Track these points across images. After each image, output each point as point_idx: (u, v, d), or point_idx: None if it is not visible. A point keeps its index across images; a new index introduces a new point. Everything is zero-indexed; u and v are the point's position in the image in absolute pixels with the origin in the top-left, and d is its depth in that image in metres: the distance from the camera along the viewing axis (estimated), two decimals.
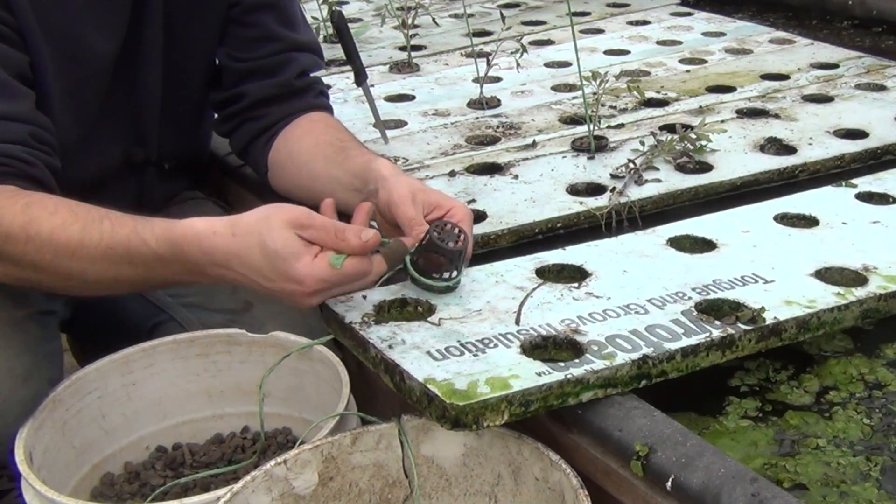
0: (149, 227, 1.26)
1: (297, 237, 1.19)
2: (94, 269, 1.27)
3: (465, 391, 1.06)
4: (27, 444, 1.28)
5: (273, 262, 1.19)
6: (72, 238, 1.27)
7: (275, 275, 1.20)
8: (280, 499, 1.14)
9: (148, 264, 1.26)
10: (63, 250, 1.27)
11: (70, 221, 1.28)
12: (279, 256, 1.18)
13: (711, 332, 1.17)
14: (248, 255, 1.20)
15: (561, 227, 1.55)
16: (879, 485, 1.07)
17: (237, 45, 1.62)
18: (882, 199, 1.54)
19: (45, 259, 1.27)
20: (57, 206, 1.29)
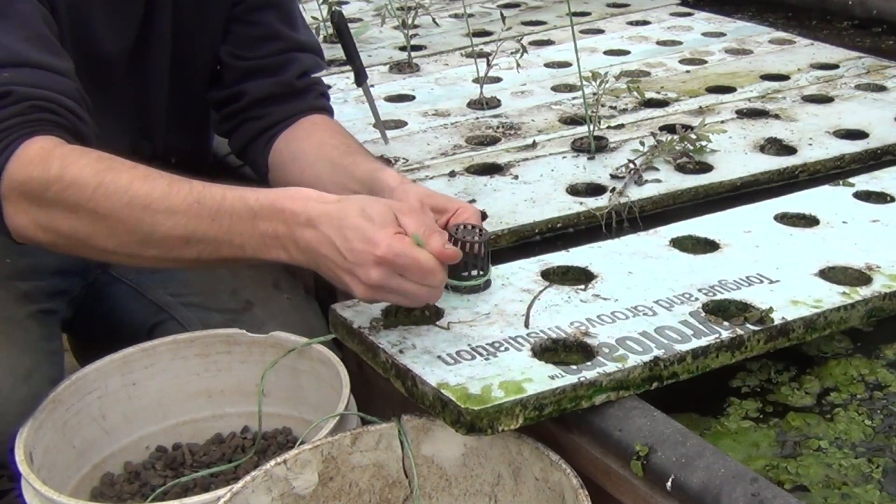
0: (248, 189, 1.24)
1: (394, 215, 1.18)
2: (168, 223, 1.22)
3: (479, 396, 1.06)
4: (27, 443, 1.28)
5: (361, 223, 1.17)
6: (155, 188, 1.23)
7: (355, 234, 1.17)
8: (280, 499, 1.14)
9: (234, 221, 1.22)
10: (141, 199, 1.22)
11: (155, 175, 1.25)
12: (370, 219, 1.17)
13: (721, 333, 1.17)
14: (343, 216, 1.18)
15: (561, 227, 1.55)
16: (881, 486, 1.07)
17: (240, 43, 1.61)
18: (880, 198, 1.54)
19: (115, 207, 1.22)
20: (137, 164, 1.26)
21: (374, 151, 1.80)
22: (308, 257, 1.20)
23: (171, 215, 1.22)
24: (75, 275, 1.62)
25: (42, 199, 1.23)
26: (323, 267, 1.20)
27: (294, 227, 1.20)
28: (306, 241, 1.20)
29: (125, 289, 1.65)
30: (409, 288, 1.17)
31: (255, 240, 1.22)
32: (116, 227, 1.23)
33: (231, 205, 1.22)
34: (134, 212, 1.22)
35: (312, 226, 1.19)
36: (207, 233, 1.22)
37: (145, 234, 1.23)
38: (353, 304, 1.26)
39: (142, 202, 1.22)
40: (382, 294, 1.18)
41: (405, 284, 1.17)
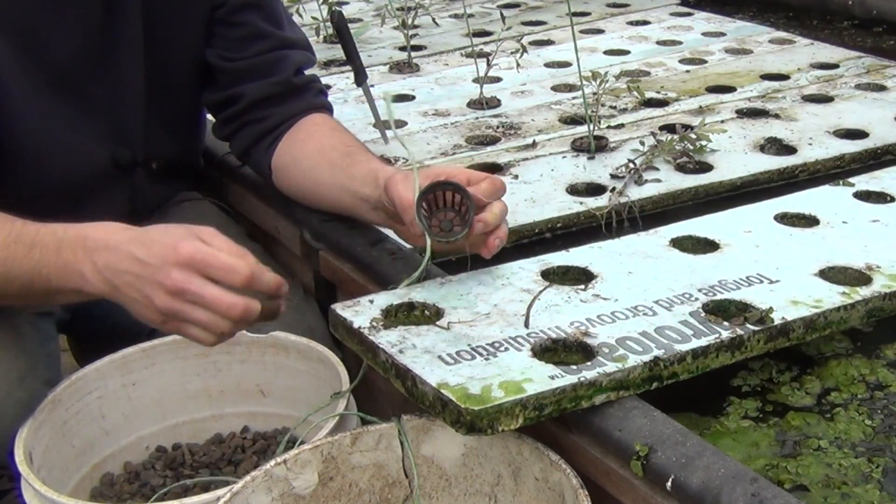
0: (65, 225, 1.25)
1: (194, 233, 1.19)
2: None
3: (479, 396, 1.06)
4: (27, 444, 1.28)
5: (162, 235, 1.19)
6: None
7: (155, 242, 1.18)
8: (280, 499, 1.14)
9: (42, 253, 1.23)
10: None
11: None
12: (170, 231, 1.19)
13: (721, 333, 1.17)
14: (144, 233, 1.21)
15: (561, 227, 1.55)
16: (881, 486, 1.07)
17: (226, 45, 1.61)
18: (880, 198, 1.54)
19: None
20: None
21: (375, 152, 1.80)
22: (104, 278, 1.20)
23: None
24: None
25: None
26: (122, 286, 1.19)
27: (93, 251, 1.21)
28: (104, 261, 1.20)
29: None
30: (209, 295, 1.14)
31: (59, 269, 1.23)
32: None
33: (42, 238, 1.24)
34: None
35: (110, 247, 1.20)
36: (22, 267, 1.24)
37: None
38: (353, 304, 1.26)
39: None
40: (181, 307, 1.15)
41: (206, 290, 1.14)
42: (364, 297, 1.27)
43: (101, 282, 1.21)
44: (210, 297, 1.15)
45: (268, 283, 1.20)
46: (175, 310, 1.16)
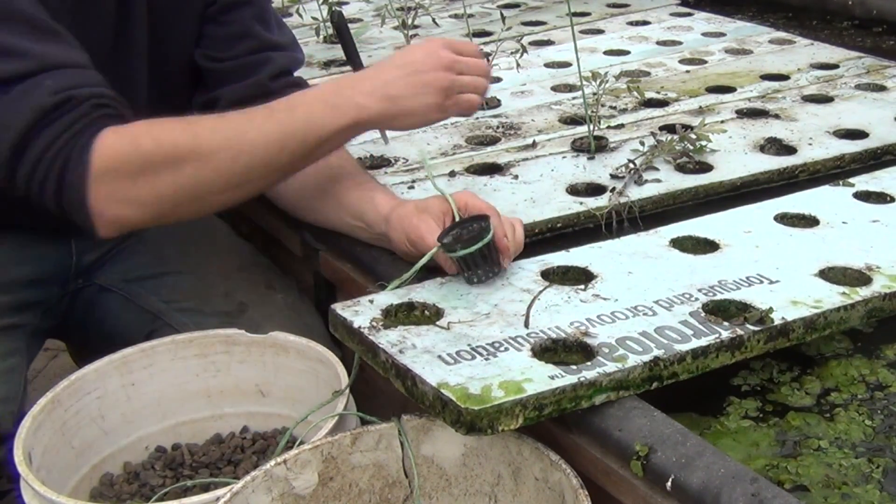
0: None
1: None
2: (261, 137, 1.33)
3: (479, 395, 1.06)
4: (26, 444, 1.28)
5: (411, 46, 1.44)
6: (236, 118, 1.36)
7: (410, 49, 1.42)
8: (280, 499, 1.14)
9: (308, 108, 1.36)
10: (232, 131, 1.34)
11: (224, 114, 1.39)
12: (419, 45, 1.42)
13: (720, 334, 1.17)
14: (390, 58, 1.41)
15: (561, 227, 1.55)
16: (881, 486, 1.07)
17: (213, 44, 1.60)
18: (880, 198, 1.54)
19: (214, 146, 1.31)
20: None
21: (375, 152, 1.81)
22: (379, 95, 1.35)
23: (259, 130, 1.33)
24: (52, 284, 1.60)
25: (141, 172, 1.29)
26: (400, 90, 1.36)
27: (355, 84, 1.38)
28: (370, 85, 1.36)
29: (116, 298, 1.64)
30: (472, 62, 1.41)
31: (330, 112, 1.35)
32: (221, 164, 1.32)
33: (300, 99, 1.38)
34: (232, 142, 1.32)
35: (368, 76, 1.39)
36: (293, 129, 1.34)
37: (248, 155, 1.33)
38: (353, 304, 1.26)
39: (234, 132, 1.33)
40: (455, 78, 1.38)
41: (466, 60, 1.40)
42: (364, 297, 1.27)
43: (376, 101, 1.35)
44: (472, 63, 1.41)
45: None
46: (452, 80, 1.38)
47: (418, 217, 1.32)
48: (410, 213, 1.34)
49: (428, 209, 1.32)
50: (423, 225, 1.30)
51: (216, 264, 1.66)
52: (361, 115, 1.35)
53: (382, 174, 1.73)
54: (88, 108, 1.30)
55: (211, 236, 1.73)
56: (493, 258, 1.28)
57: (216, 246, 1.71)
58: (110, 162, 1.28)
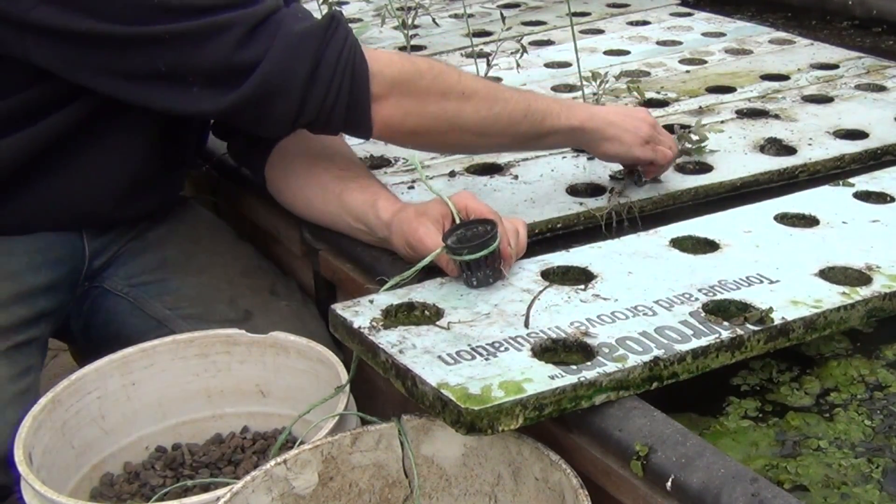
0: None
1: None
2: (513, 97, 1.48)
3: (479, 396, 1.06)
4: (26, 444, 1.28)
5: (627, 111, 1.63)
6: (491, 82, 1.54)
7: (626, 113, 1.60)
8: (280, 499, 1.14)
9: (549, 103, 1.52)
10: (490, 83, 1.52)
11: None
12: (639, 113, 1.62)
13: (720, 334, 1.17)
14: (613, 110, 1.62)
15: (561, 227, 1.55)
16: (881, 486, 1.07)
17: None
18: (880, 198, 1.54)
19: (477, 88, 1.45)
20: None
21: (375, 152, 1.81)
22: (604, 119, 1.55)
23: (511, 93, 1.50)
24: (66, 289, 1.60)
25: (415, 88, 1.41)
26: (617, 121, 1.56)
27: (580, 105, 1.64)
28: (591, 110, 1.57)
29: (121, 303, 1.63)
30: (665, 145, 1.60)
31: (564, 110, 1.52)
32: (479, 104, 1.44)
33: (538, 95, 1.56)
34: (491, 89, 1.48)
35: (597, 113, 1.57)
36: (538, 106, 1.49)
37: (501, 106, 1.46)
38: (353, 304, 1.26)
39: (492, 86, 1.50)
40: (655, 133, 1.58)
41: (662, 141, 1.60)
42: (364, 297, 1.27)
43: (598, 120, 1.54)
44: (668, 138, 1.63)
45: None
46: (652, 136, 1.58)
47: (417, 220, 1.32)
48: (410, 217, 1.35)
49: (427, 213, 1.33)
50: (421, 228, 1.31)
51: (220, 268, 1.66)
52: (586, 124, 1.52)
53: (382, 174, 1.73)
54: (347, 25, 1.39)
55: (214, 238, 1.73)
56: (496, 264, 1.28)
57: (219, 248, 1.71)
58: (390, 71, 1.39)
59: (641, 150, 1.57)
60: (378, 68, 1.38)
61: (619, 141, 1.55)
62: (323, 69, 1.34)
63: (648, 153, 1.57)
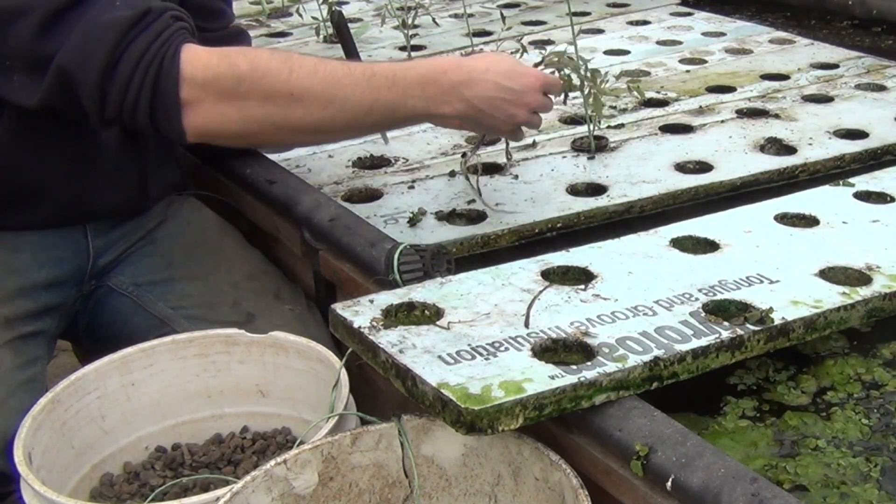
0: (409, 62, 1.49)
1: None
2: (356, 94, 1.39)
3: (479, 395, 1.06)
4: (26, 444, 1.28)
5: (516, 67, 1.46)
6: (336, 68, 1.40)
7: (515, 74, 1.45)
8: (280, 499, 1.14)
9: (406, 87, 1.41)
10: (329, 77, 1.38)
11: (326, 60, 1.42)
12: (521, 66, 1.48)
13: (721, 334, 1.17)
14: (498, 62, 1.45)
15: (561, 227, 1.55)
16: (879, 485, 1.07)
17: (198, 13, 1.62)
18: (880, 198, 1.54)
19: (309, 87, 1.37)
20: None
21: (375, 152, 1.81)
22: (472, 105, 1.42)
23: (356, 87, 1.38)
24: (70, 286, 1.61)
25: (234, 93, 1.34)
26: (488, 109, 1.42)
27: (459, 85, 1.42)
28: (473, 92, 1.42)
29: (126, 302, 1.64)
30: (549, 107, 1.51)
31: (425, 101, 1.42)
32: (312, 104, 1.37)
33: (402, 74, 1.41)
34: (327, 88, 1.38)
35: (475, 80, 1.42)
36: (387, 99, 1.40)
37: (338, 106, 1.38)
38: (353, 304, 1.26)
39: (331, 79, 1.38)
40: (532, 118, 1.48)
41: (548, 104, 1.50)
42: (364, 296, 1.27)
43: (467, 108, 1.43)
44: (549, 107, 1.52)
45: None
46: (527, 120, 1.48)
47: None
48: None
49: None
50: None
51: (225, 272, 1.67)
52: (447, 112, 1.43)
53: (382, 174, 1.73)
54: (168, 19, 1.32)
55: (221, 242, 1.73)
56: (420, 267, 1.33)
57: (226, 252, 1.71)
58: (204, 73, 1.32)
59: (511, 135, 1.54)
60: (191, 72, 1.32)
61: (478, 126, 1.51)
62: (123, 65, 1.29)
63: (517, 135, 1.54)
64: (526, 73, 1.47)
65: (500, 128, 1.50)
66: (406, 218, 1.56)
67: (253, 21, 2.67)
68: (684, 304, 1.23)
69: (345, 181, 1.71)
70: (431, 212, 1.58)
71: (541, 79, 1.48)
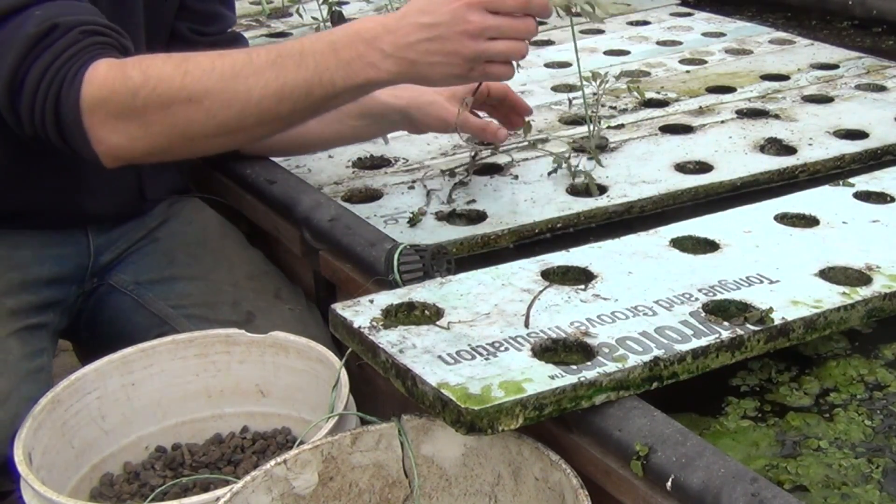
0: (320, 32, 1.31)
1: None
2: (259, 83, 1.25)
3: (479, 395, 1.06)
4: (26, 444, 1.28)
5: (439, 6, 1.23)
6: (237, 59, 1.27)
7: (433, 4, 1.23)
8: (280, 499, 1.14)
9: (317, 60, 1.25)
10: (228, 71, 1.26)
11: (230, 51, 1.30)
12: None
13: (721, 334, 1.17)
14: (416, 4, 1.24)
15: (561, 227, 1.55)
16: (881, 487, 1.07)
17: (195, 18, 1.63)
18: (880, 198, 1.54)
19: (207, 86, 1.25)
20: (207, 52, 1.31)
21: (375, 152, 1.81)
22: (397, 58, 1.24)
23: (259, 76, 1.25)
24: (70, 283, 1.61)
25: (131, 108, 1.25)
26: (419, 56, 1.24)
27: (374, 39, 1.25)
28: (391, 42, 1.24)
29: (127, 300, 1.64)
30: (508, 25, 1.23)
31: (343, 67, 1.25)
32: (213, 105, 1.25)
33: (311, 47, 1.26)
34: (227, 84, 1.25)
35: (391, 29, 1.24)
36: (297, 80, 1.25)
37: (242, 102, 1.25)
38: (353, 304, 1.26)
39: (230, 73, 1.25)
40: (485, 46, 1.23)
41: (501, 21, 1.23)
42: (364, 296, 1.27)
43: (394, 64, 1.24)
44: (508, 26, 1.24)
45: (538, 2, 1.27)
46: (480, 51, 1.24)
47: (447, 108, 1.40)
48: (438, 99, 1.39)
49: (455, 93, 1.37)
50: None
51: (226, 272, 1.67)
52: (376, 77, 1.26)
53: (382, 174, 1.73)
54: (77, 35, 1.26)
55: (222, 242, 1.73)
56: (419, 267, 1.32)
57: (227, 252, 1.71)
58: (100, 92, 1.24)
59: (464, 82, 1.36)
60: (90, 92, 1.24)
61: (428, 81, 1.31)
62: (27, 86, 1.25)
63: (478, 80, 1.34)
64: (442, 2, 1.23)
65: (454, 73, 1.27)
66: (406, 218, 1.56)
67: (253, 21, 2.66)
68: (684, 304, 1.23)
69: (345, 181, 1.71)
70: (431, 212, 1.58)
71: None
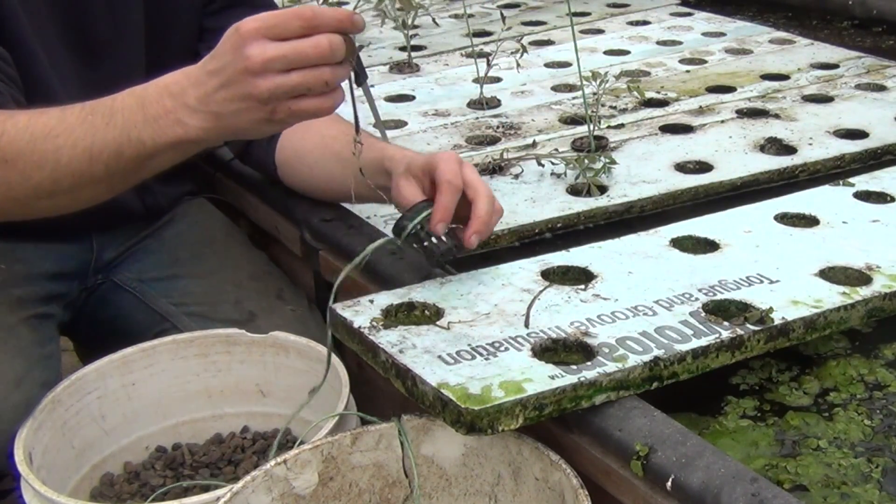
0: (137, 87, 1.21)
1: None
2: (68, 143, 1.18)
3: (479, 395, 1.06)
4: (26, 444, 1.28)
5: (221, 45, 1.13)
6: (51, 117, 1.20)
7: (220, 54, 1.13)
8: (280, 499, 1.14)
9: (126, 117, 1.18)
10: (40, 131, 1.19)
11: (53, 108, 1.22)
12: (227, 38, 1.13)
13: (721, 333, 1.17)
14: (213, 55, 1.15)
15: (561, 227, 1.55)
16: (881, 486, 1.07)
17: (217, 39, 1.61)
18: (880, 198, 1.54)
19: (20, 147, 1.19)
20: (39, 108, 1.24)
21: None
22: (203, 113, 1.15)
23: (69, 135, 1.18)
24: (73, 278, 1.62)
25: None
26: (220, 107, 1.14)
27: (180, 94, 1.16)
28: (195, 96, 1.15)
29: (128, 297, 1.65)
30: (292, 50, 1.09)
31: (150, 125, 1.17)
32: (26, 167, 1.19)
33: (121, 103, 1.19)
34: (37, 145, 1.19)
35: (193, 81, 1.15)
36: (106, 138, 1.18)
37: (52, 163, 1.19)
38: (353, 304, 1.26)
39: (41, 133, 1.19)
40: (275, 81, 1.10)
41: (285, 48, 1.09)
42: (364, 296, 1.27)
43: (201, 119, 1.16)
44: (292, 51, 1.10)
45: (331, 15, 1.12)
46: (272, 88, 1.11)
47: (408, 180, 1.28)
48: (402, 172, 1.30)
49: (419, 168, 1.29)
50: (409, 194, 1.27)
51: (229, 271, 1.67)
52: (185, 135, 1.17)
53: None
54: None
55: (226, 242, 1.74)
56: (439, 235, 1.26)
57: (231, 252, 1.72)
58: None
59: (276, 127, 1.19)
60: None
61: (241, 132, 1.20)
62: None
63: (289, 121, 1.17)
64: (224, 40, 1.13)
65: (257, 118, 1.15)
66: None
67: None
68: (684, 303, 1.23)
69: None
70: None
71: (241, 32, 1.11)
